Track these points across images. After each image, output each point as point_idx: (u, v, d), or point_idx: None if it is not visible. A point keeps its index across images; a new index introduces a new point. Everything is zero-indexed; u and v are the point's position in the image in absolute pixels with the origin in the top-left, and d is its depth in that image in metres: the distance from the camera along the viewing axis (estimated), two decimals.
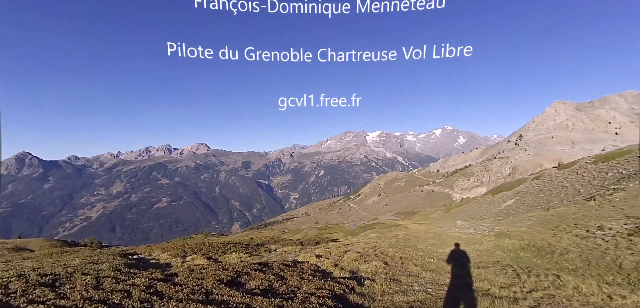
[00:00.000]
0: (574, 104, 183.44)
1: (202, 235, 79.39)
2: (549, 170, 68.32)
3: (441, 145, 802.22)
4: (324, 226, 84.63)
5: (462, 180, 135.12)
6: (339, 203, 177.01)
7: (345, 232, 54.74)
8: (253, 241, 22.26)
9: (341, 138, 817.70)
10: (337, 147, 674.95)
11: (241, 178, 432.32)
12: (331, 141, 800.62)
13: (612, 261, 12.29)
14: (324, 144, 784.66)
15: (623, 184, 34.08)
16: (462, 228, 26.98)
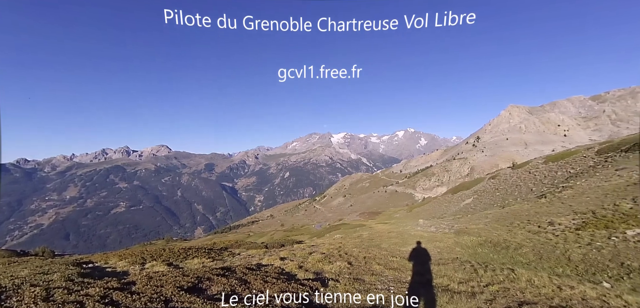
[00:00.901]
0: (527, 108, 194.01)
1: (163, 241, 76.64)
2: (504, 170, 71.78)
3: (404, 147, 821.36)
4: (290, 228, 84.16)
5: (424, 180, 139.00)
6: (305, 204, 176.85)
7: (311, 234, 54.70)
8: (216, 245, 21.79)
9: (306, 139, 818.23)
10: (303, 149, 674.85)
11: (204, 181, 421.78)
12: (296, 143, 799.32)
13: (562, 254, 13.08)
14: (289, 145, 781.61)
15: (571, 182, 36.36)
16: (424, 226, 27.74)
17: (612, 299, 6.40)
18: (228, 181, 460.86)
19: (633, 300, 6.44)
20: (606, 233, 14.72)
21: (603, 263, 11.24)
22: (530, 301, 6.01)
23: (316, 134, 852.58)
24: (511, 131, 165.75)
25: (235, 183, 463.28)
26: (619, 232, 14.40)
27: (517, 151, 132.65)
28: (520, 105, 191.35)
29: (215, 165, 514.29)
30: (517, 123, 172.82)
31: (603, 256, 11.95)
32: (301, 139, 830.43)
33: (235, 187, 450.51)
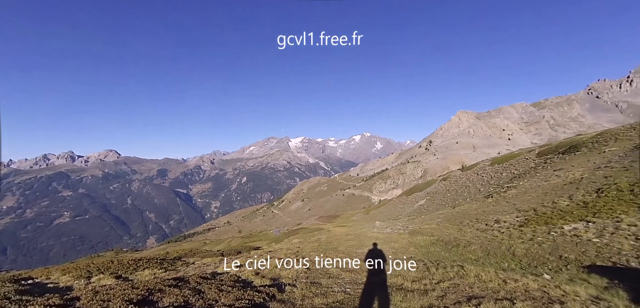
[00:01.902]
0: (475, 113, 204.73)
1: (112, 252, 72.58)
2: (455, 172, 75.10)
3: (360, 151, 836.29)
4: (248, 234, 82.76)
5: (380, 183, 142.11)
6: (263, 210, 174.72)
7: (269, 239, 54.13)
8: (170, 255, 20.93)
9: (264, 144, 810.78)
10: (260, 153, 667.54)
11: (157, 188, 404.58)
12: (254, 147, 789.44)
13: (507, 250, 13.86)
14: (246, 150, 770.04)
15: (515, 183, 38.72)
16: (380, 228, 28.31)
17: (552, 289, 6.86)
18: (182, 187, 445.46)
19: (570, 290, 6.94)
20: (546, 229, 15.79)
21: (544, 256, 12.04)
22: (478, 295, 6.31)
23: (274, 138, 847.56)
24: (461, 135, 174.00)
25: (190, 190, 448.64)
26: (557, 228, 15.49)
27: (466, 154, 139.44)
28: (468, 111, 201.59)
29: (169, 171, 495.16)
30: (466, 128, 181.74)
31: (544, 250, 12.80)
32: (259, 143, 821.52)
33: (190, 193, 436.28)
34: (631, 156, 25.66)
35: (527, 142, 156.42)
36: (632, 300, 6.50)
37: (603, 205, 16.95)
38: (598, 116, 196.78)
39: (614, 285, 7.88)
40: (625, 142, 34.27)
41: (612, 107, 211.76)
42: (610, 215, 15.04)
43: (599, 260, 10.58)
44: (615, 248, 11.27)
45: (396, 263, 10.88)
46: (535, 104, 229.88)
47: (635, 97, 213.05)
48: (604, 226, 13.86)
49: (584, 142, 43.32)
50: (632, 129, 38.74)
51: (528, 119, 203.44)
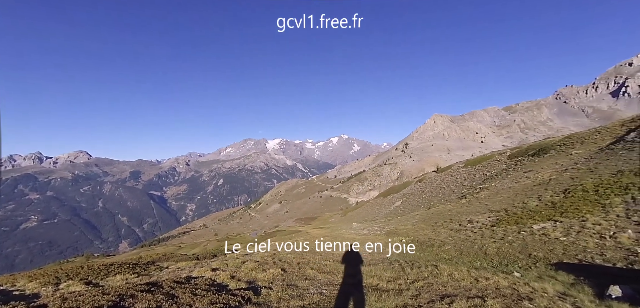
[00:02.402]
0: (449, 117, 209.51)
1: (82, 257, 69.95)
2: (430, 174, 76.52)
3: (338, 153, 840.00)
4: (224, 237, 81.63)
5: (357, 185, 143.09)
6: (240, 212, 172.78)
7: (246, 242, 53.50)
8: (143, 259, 20.42)
9: (241, 145, 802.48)
10: (237, 155, 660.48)
11: (129, 190, 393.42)
12: (230, 149, 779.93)
13: (479, 249, 14.21)
14: (222, 151, 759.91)
15: (487, 184, 39.79)
16: (357, 229, 28.51)
17: (521, 287, 7.09)
18: (156, 190, 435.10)
19: (539, 287, 7.19)
20: (516, 229, 16.30)
21: (514, 255, 12.42)
22: (451, 293, 6.45)
23: (251, 140, 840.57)
24: (436, 138, 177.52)
25: (164, 192, 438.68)
26: (527, 227, 16.01)
27: (441, 156, 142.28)
28: (443, 115, 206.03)
29: (142, 173, 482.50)
30: (441, 130, 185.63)
31: (514, 249, 13.20)
32: (236, 144, 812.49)
33: (164, 196, 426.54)
34: (596, 158, 26.82)
35: (499, 144, 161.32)
36: (596, 296, 6.81)
37: (570, 205, 17.64)
38: (566, 120, 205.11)
39: (580, 281, 8.22)
40: (590, 145, 35.80)
41: (579, 112, 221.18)
42: (577, 214, 15.68)
43: (565, 257, 11.00)
44: (581, 246, 11.74)
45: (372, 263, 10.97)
46: (507, 108, 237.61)
47: (600, 103, 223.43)
48: (570, 225, 14.42)
49: (552, 145, 45.00)
50: (597, 133, 40.53)
51: (500, 123, 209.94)
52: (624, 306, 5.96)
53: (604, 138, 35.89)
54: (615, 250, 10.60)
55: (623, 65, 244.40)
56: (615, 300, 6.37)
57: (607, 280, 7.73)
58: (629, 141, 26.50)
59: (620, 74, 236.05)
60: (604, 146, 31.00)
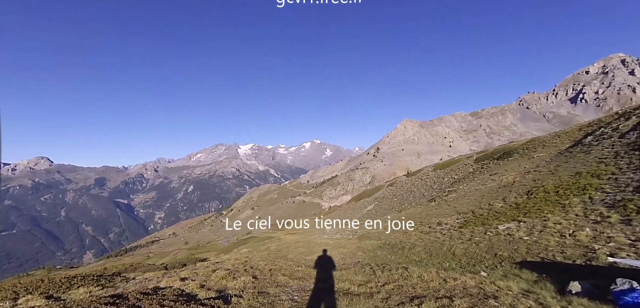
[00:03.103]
0: (419, 122, 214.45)
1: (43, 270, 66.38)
2: (401, 178, 77.88)
3: (310, 158, 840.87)
4: (195, 246, 79.90)
5: (330, 189, 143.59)
6: (211, 219, 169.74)
7: (217, 250, 52.65)
8: (108, 271, 19.63)
9: (212, 151, 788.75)
10: (208, 161, 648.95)
11: (94, 198, 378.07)
12: (201, 154, 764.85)
13: (448, 250, 14.54)
14: (193, 157, 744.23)
15: (455, 187, 40.85)
16: (330, 234, 28.56)
17: (487, 285, 7.30)
18: (123, 197, 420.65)
19: (504, 285, 7.43)
20: (483, 229, 16.81)
21: (481, 255, 12.79)
22: (420, 295, 6.56)
23: (222, 145, 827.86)
24: (406, 143, 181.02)
25: (131, 200, 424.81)
26: (493, 228, 16.54)
27: (411, 160, 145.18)
28: (413, 120, 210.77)
29: (108, 180, 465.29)
30: (411, 135, 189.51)
31: (481, 249, 13.60)
32: (206, 150, 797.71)
33: (131, 203, 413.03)
34: (556, 161, 28.11)
35: (466, 148, 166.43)
36: (557, 292, 7.11)
37: (532, 206, 18.38)
38: (528, 125, 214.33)
39: (542, 278, 8.55)
40: (551, 148, 37.51)
41: (540, 117, 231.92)
42: (539, 215, 16.34)
43: (529, 256, 11.43)
44: (543, 245, 12.24)
45: (344, 268, 10.97)
46: (473, 114, 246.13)
47: (560, 108, 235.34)
48: (533, 225, 15.02)
49: (516, 148, 46.85)
50: (557, 137, 42.53)
51: (467, 128, 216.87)
52: (583, 301, 6.24)
53: (563, 142, 37.72)
54: (575, 248, 11.12)
55: (580, 74, 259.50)
56: (575, 296, 6.66)
57: (567, 277, 8.08)
58: (586, 144, 27.95)
59: (578, 81, 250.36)
60: (563, 149, 32.57)
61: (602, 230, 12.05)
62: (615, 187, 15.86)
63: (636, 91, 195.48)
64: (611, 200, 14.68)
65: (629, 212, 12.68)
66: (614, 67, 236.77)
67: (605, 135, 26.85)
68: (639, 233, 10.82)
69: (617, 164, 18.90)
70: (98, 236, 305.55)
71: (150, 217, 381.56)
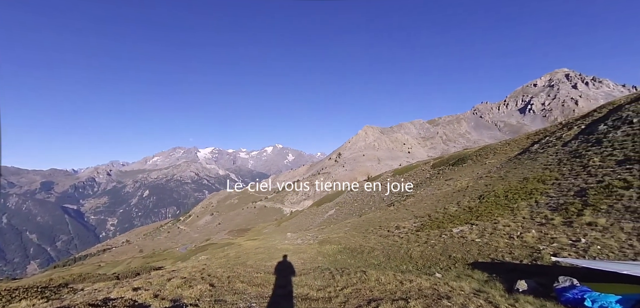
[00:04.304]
0: (379, 128, 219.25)
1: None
2: (361, 183, 79.03)
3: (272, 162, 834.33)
4: (150, 254, 76.72)
5: (292, 194, 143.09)
6: (167, 226, 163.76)
7: (174, 258, 50.88)
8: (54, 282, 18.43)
9: (170, 154, 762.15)
10: (165, 164, 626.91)
11: (40, 204, 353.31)
12: (158, 157, 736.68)
13: (405, 253, 14.90)
14: (149, 160, 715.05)
15: (413, 191, 42.07)
16: (291, 239, 28.39)
17: (441, 286, 7.55)
18: (72, 203, 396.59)
19: (456, 285, 7.72)
20: (438, 232, 17.40)
21: (436, 257, 13.22)
22: (377, 298, 6.66)
23: (181, 148, 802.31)
24: (367, 148, 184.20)
25: (81, 205, 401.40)
26: (447, 231, 17.16)
27: (372, 166, 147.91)
28: (374, 126, 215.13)
29: (55, 184, 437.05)
30: (371, 141, 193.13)
31: (436, 251, 14.05)
32: (164, 153, 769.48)
33: (81, 209, 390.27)
34: (506, 167, 29.69)
35: (424, 155, 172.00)
36: (506, 290, 7.48)
37: (484, 209, 19.27)
38: (481, 133, 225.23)
39: (493, 278, 8.97)
40: (501, 155, 39.58)
41: (492, 126, 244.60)
42: (490, 218, 17.16)
43: (480, 257, 11.96)
44: (493, 246, 12.85)
45: (304, 273, 10.92)
46: (431, 121, 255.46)
47: (510, 118, 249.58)
48: (484, 227, 15.74)
49: (470, 155, 49.01)
50: (507, 145, 44.96)
51: (425, 134, 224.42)
52: (529, 298, 6.60)
53: (513, 149, 39.94)
54: (522, 249, 11.77)
55: (529, 86, 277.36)
56: (522, 294, 7.04)
57: (515, 276, 8.53)
58: (533, 152, 29.74)
59: (526, 93, 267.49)
60: (512, 156, 34.46)
61: (547, 232, 12.84)
62: (559, 192, 16.96)
63: (578, 103, 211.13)
64: (555, 203, 15.69)
65: (570, 215, 13.60)
66: (559, 81, 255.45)
67: (550, 144, 28.70)
68: (579, 234, 11.62)
69: (560, 170, 20.23)
70: (44, 244, 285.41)
71: (101, 224, 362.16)
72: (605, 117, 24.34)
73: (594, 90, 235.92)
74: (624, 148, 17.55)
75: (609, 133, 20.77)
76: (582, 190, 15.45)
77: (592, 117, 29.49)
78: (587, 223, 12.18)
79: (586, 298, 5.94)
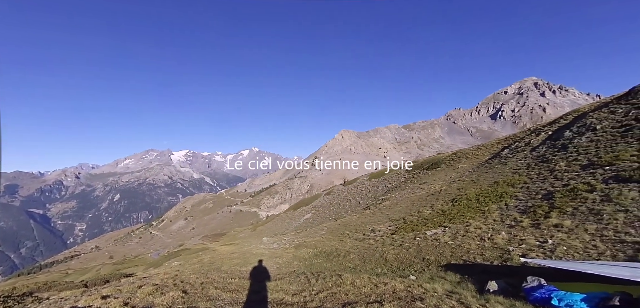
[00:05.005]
0: (356, 132, 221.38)
1: None
2: (338, 187, 79.37)
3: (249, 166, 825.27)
4: (121, 260, 74.31)
5: (268, 198, 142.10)
6: (139, 231, 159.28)
7: (146, 264, 49.51)
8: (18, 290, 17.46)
9: (142, 157, 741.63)
10: (137, 167, 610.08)
11: (3, 208, 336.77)
12: (130, 160, 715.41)
13: (380, 256, 15.04)
14: (120, 163, 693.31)
15: (388, 195, 42.54)
16: (267, 244, 28.15)
17: (415, 288, 7.64)
18: (38, 207, 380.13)
19: (430, 287, 7.84)
20: (412, 235, 17.65)
21: (410, 260, 13.40)
22: (352, 301, 6.68)
23: (154, 151, 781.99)
24: (343, 152, 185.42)
25: (47, 210, 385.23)
26: (421, 233, 17.44)
27: (348, 169, 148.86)
28: (350, 130, 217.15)
29: (20, 187, 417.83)
30: (348, 145, 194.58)
31: (410, 254, 14.25)
32: (136, 155, 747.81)
33: (47, 214, 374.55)
34: (477, 171, 30.48)
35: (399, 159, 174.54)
36: (477, 291, 7.67)
37: (456, 212, 19.70)
38: (454, 138, 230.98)
39: (465, 279, 9.17)
40: (473, 160, 40.64)
41: (465, 131, 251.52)
42: (462, 220, 17.56)
43: (453, 259, 12.21)
44: (465, 248, 13.14)
45: (279, 277, 10.84)
46: (406, 126, 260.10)
47: (482, 124, 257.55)
48: (457, 230, 16.09)
49: (443, 160, 50.06)
50: (479, 149, 46.22)
51: (400, 139, 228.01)
52: (499, 298, 6.77)
53: (484, 154, 41.09)
54: (493, 250, 12.09)
55: (500, 93, 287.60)
56: (492, 294, 7.22)
57: (486, 277, 8.74)
58: (503, 156, 30.67)
59: (497, 100, 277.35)
60: (484, 161, 35.43)
61: (516, 234, 13.24)
62: (527, 195, 17.54)
63: (546, 110, 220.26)
64: (524, 206, 16.21)
65: (538, 217, 14.08)
66: (528, 89, 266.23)
67: (519, 149, 29.69)
68: (546, 236, 12.04)
69: (528, 174, 20.94)
70: (7, 251, 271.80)
71: (69, 229, 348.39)
72: (570, 124, 25.39)
73: (561, 98, 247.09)
74: (588, 153, 18.35)
75: (574, 139, 21.67)
76: (549, 194, 16.03)
77: (558, 124, 30.70)
78: (554, 225, 12.64)
79: (553, 297, 6.15)
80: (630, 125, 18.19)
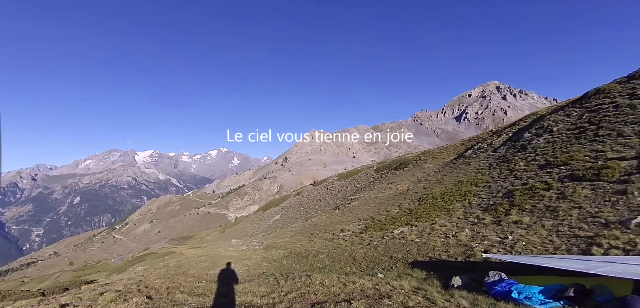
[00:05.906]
0: (326, 133, 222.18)
1: None
2: (307, 187, 79.46)
3: (217, 166, 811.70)
4: (82, 266, 71.08)
5: (237, 199, 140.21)
6: (101, 235, 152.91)
7: (109, 270, 47.64)
8: None
9: (104, 157, 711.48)
10: (99, 168, 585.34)
11: None
12: (91, 161, 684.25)
13: (349, 255, 15.18)
14: (81, 163, 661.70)
15: (357, 195, 42.99)
16: (236, 246, 27.75)
17: (383, 286, 7.77)
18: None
19: (397, 284, 7.99)
20: (381, 234, 17.93)
21: (378, 258, 13.61)
22: (321, 300, 6.70)
23: (117, 151, 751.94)
24: (313, 153, 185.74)
25: (1, 214, 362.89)
26: (389, 232, 17.75)
27: (318, 170, 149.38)
28: (320, 130, 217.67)
29: None
30: (318, 146, 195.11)
31: (378, 252, 14.47)
32: (97, 156, 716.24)
33: (1, 219, 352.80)
34: (443, 171, 31.40)
35: (368, 159, 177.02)
36: (442, 287, 7.90)
37: (423, 211, 20.21)
38: (421, 139, 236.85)
39: (431, 276, 9.42)
40: (439, 160, 41.80)
41: (431, 132, 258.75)
42: (428, 219, 18.03)
43: (419, 256, 12.51)
44: (431, 246, 13.50)
45: (248, 280, 10.71)
46: (375, 127, 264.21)
47: (447, 125, 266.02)
48: (423, 228, 16.49)
49: (410, 160, 51.19)
50: (444, 150, 47.59)
51: (369, 140, 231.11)
52: (463, 293, 7.00)
53: (449, 154, 42.37)
54: (457, 247, 12.49)
55: (464, 96, 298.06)
56: (456, 289, 7.45)
57: (451, 273, 9.02)
58: (467, 157, 31.75)
59: (462, 102, 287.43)
60: (449, 161, 36.54)
61: (479, 230, 13.74)
62: (489, 193, 18.25)
63: (507, 113, 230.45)
64: (486, 204, 16.85)
65: (499, 214, 14.67)
66: (491, 92, 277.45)
67: (482, 150, 30.85)
68: (506, 232, 12.57)
69: (490, 174, 21.79)
70: None
71: (25, 235, 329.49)
72: (529, 126, 26.66)
73: (521, 101, 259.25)
74: (545, 154, 19.32)
75: (532, 140, 22.76)
76: (510, 192, 16.75)
77: (518, 126, 32.14)
78: (514, 222, 13.22)
79: (513, 290, 6.43)
80: (583, 128, 19.32)
